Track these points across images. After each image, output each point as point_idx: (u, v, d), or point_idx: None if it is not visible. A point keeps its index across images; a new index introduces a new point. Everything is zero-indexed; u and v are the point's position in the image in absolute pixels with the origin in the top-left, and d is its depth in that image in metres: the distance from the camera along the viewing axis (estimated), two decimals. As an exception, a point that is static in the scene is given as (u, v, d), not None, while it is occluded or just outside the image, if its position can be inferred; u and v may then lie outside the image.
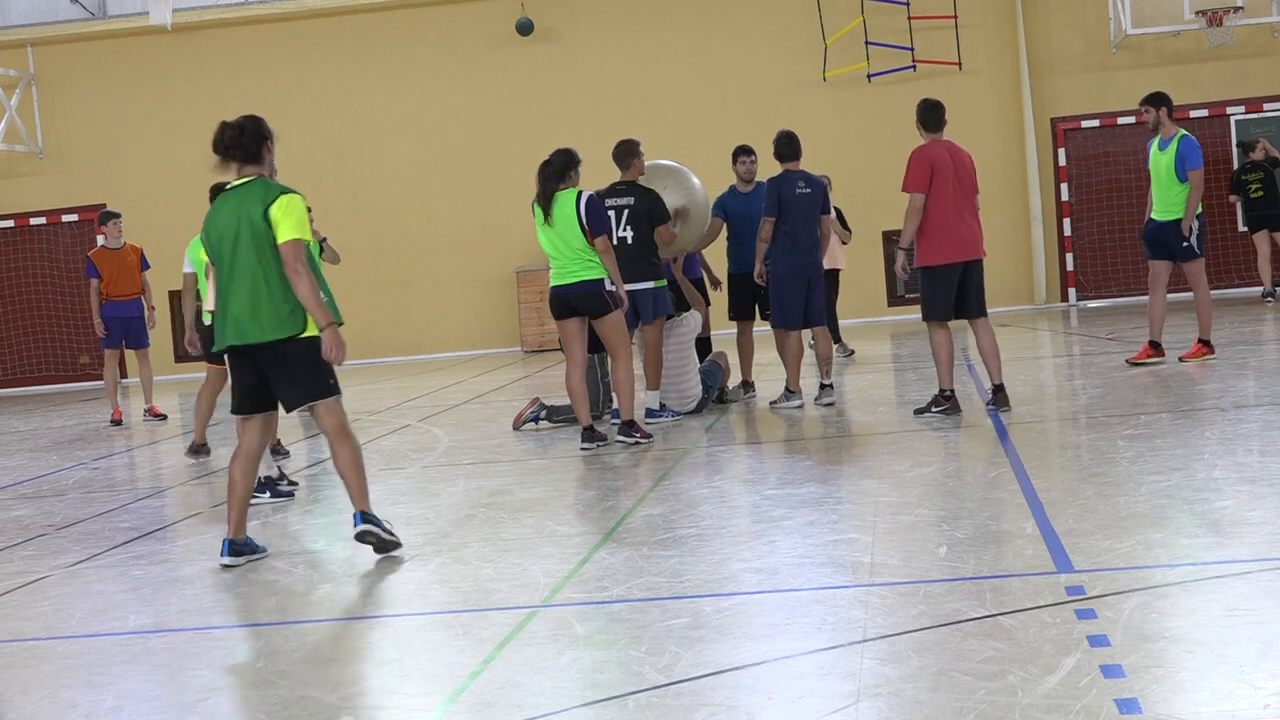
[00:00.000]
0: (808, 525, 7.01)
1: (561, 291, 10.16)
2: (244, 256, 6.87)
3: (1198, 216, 12.14)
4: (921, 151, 10.04)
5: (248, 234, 6.86)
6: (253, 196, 6.92)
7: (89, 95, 22.21)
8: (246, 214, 6.87)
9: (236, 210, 6.91)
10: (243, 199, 6.93)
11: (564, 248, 10.06)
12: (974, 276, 10.17)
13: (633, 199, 11.07)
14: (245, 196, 6.93)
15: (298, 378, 6.95)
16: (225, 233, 6.93)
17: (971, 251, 10.11)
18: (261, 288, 6.86)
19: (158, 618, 6.37)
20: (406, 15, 21.82)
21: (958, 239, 10.03)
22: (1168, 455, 8.02)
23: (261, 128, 7.08)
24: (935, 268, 10.07)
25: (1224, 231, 20.17)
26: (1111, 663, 4.46)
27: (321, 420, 7.05)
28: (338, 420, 7.04)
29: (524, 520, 7.79)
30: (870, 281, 21.34)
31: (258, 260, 6.87)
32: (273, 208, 6.86)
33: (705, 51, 21.38)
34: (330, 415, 7.02)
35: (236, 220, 6.89)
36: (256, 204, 6.88)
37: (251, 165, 7.03)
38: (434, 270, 21.89)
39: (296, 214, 6.90)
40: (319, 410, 7.02)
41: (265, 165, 7.07)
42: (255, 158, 7.04)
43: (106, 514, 9.23)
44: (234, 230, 6.88)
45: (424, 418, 13.21)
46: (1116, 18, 20.44)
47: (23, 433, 15.65)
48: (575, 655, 5.10)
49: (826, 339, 11.62)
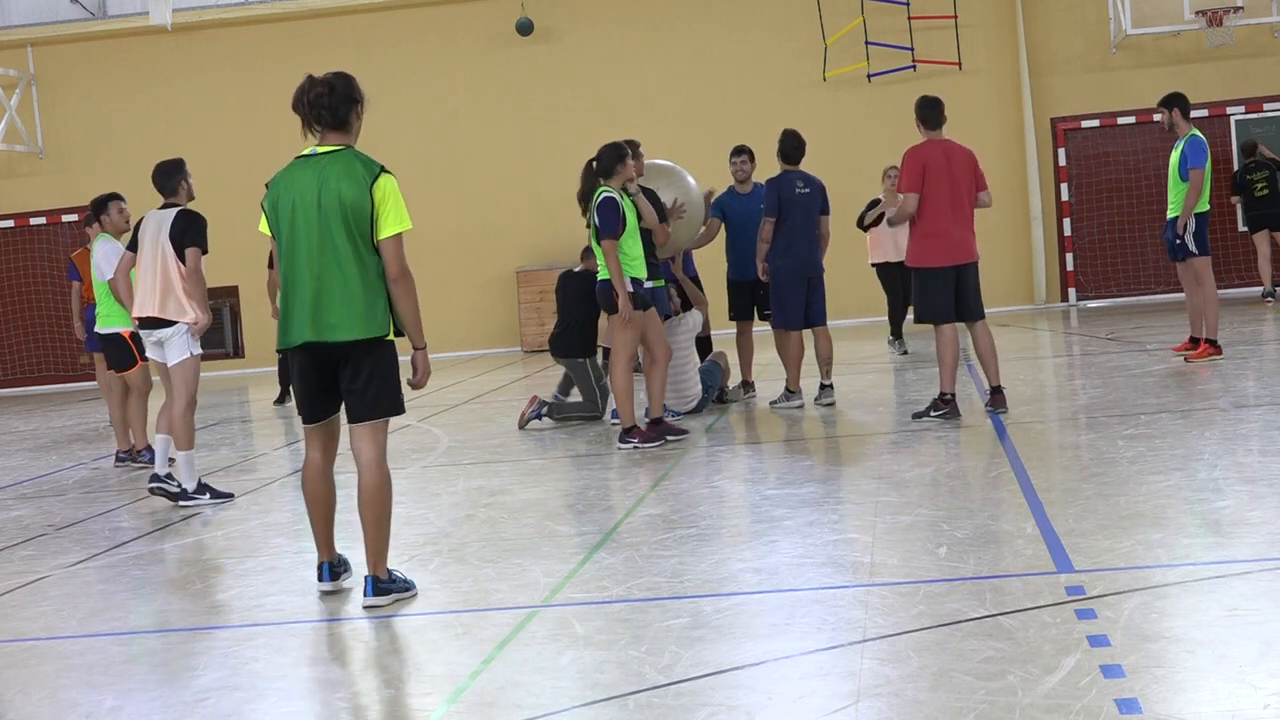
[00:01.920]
0: (808, 525, 7.01)
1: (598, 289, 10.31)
2: (335, 239, 5.87)
3: (1201, 215, 12.17)
4: (915, 152, 10.01)
5: (338, 213, 5.86)
6: (347, 169, 5.91)
7: (89, 95, 22.22)
8: (338, 189, 5.86)
9: (320, 183, 5.90)
10: (330, 170, 5.91)
11: (594, 245, 10.19)
12: (969, 279, 10.14)
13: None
14: (334, 168, 5.91)
15: (378, 387, 5.99)
16: (305, 208, 5.91)
17: (963, 256, 10.06)
18: (355, 277, 5.87)
19: (158, 618, 6.37)
20: (406, 15, 21.82)
21: (949, 243, 9.98)
22: (1168, 455, 8.02)
23: (353, 89, 6.08)
24: (927, 270, 10.06)
25: (1224, 231, 20.16)
26: (1111, 663, 4.46)
27: (364, 446, 6.05)
28: (379, 451, 6.08)
29: (524, 520, 7.79)
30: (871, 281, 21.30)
31: (351, 246, 5.87)
32: (376, 187, 5.89)
33: (705, 51, 21.38)
34: (375, 444, 6.06)
35: (321, 194, 5.88)
36: (355, 179, 5.89)
37: (336, 133, 6.02)
38: (434, 270, 21.84)
39: (400, 200, 5.96)
40: (365, 434, 6.04)
41: (353, 135, 6.08)
42: (343, 124, 6.03)
43: (106, 514, 9.23)
44: (316, 206, 5.89)
45: (424, 418, 13.21)
46: (1116, 18, 20.44)
47: (23, 433, 15.66)
48: (575, 655, 5.10)
49: (827, 339, 11.62)
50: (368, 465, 6.07)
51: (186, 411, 9.11)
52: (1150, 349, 13.80)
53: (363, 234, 5.89)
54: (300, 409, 6.18)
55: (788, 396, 11.56)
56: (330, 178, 5.90)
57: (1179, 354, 12.63)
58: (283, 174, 6.08)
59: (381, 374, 5.99)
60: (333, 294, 5.88)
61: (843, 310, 20.83)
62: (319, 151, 6.00)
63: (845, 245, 20.77)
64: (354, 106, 6.05)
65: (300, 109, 6.01)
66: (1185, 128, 12.25)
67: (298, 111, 6.02)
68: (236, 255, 22.13)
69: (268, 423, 14.95)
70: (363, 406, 6.00)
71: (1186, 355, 12.41)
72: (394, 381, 6.06)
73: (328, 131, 6.03)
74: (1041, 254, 20.90)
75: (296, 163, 6.05)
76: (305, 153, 6.05)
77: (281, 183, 6.04)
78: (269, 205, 6.06)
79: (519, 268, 21.28)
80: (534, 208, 21.34)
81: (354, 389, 5.99)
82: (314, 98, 5.97)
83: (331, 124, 6.01)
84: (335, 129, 6.02)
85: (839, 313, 20.59)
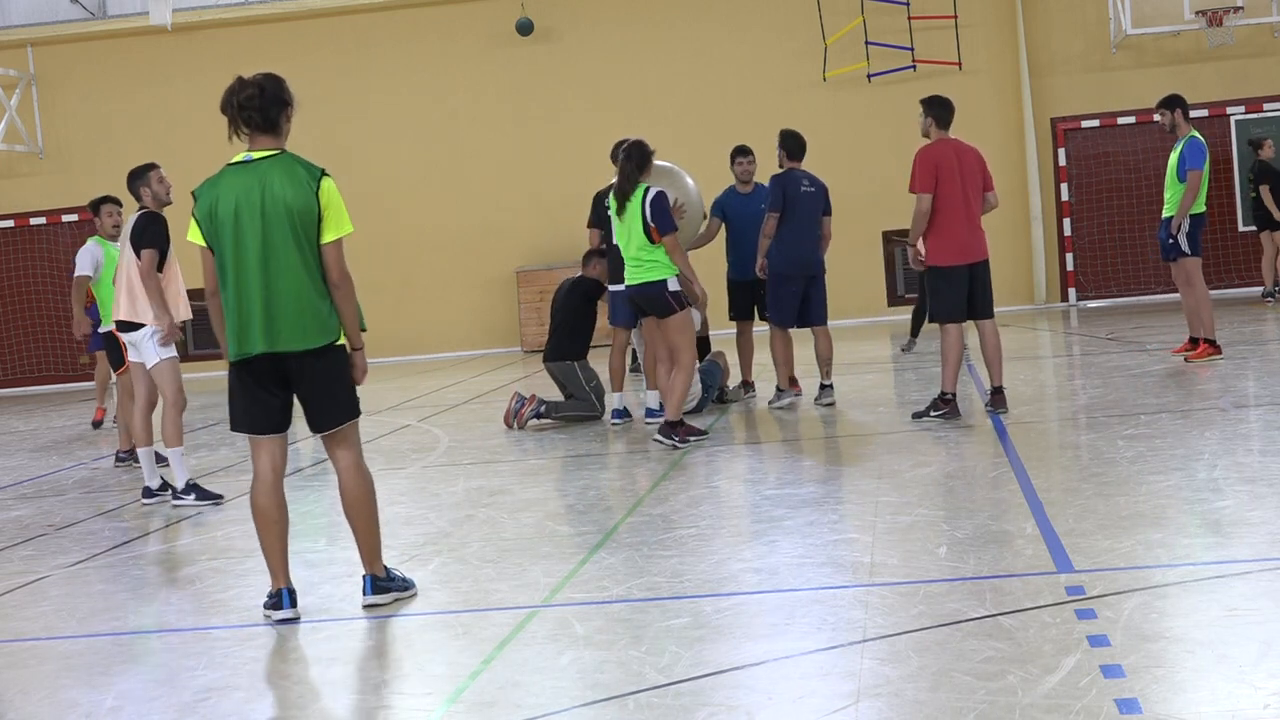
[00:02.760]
0: (808, 525, 7.01)
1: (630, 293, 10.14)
2: (283, 246, 5.73)
3: (1197, 217, 12.18)
4: (927, 152, 10.00)
5: (285, 220, 5.73)
6: (290, 173, 5.79)
7: (89, 95, 22.22)
8: (283, 195, 5.73)
9: (262, 189, 5.75)
10: (271, 175, 5.77)
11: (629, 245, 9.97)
12: (981, 278, 10.15)
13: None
14: (275, 173, 5.78)
15: (336, 393, 5.92)
16: (249, 215, 5.75)
17: (976, 254, 10.08)
18: (305, 284, 5.76)
19: (158, 618, 6.37)
20: (406, 15, 21.82)
21: (961, 242, 10.00)
22: (1168, 455, 8.01)
23: (283, 91, 5.90)
24: (941, 269, 10.05)
25: (1224, 231, 20.17)
26: (1111, 663, 4.46)
27: (341, 452, 6.01)
28: (357, 452, 6.04)
29: (524, 520, 7.79)
30: (870, 281, 21.35)
31: (299, 252, 5.76)
32: (322, 191, 5.78)
33: (705, 51, 21.38)
34: (351, 447, 6.01)
35: (264, 201, 5.74)
36: (299, 184, 5.77)
37: (267, 136, 5.86)
38: (434, 270, 21.89)
39: (342, 204, 5.86)
40: (339, 440, 5.99)
41: (283, 138, 5.91)
42: (274, 126, 5.87)
43: (106, 514, 9.23)
44: (260, 213, 5.74)
45: (424, 418, 13.21)
46: (1116, 18, 20.44)
47: (23, 433, 15.65)
48: (575, 655, 5.10)
49: (827, 339, 11.61)
50: (348, 469, 6.00)
51: (172, 410, 9.17)
52: (1150, 349, 13.80)
53: (310, 239, 5.78)
54: (246, 422, 5.98)
55: (779, 395, 11.60)
56: (272, 183, 5.76)
57: (1179, 355, 12.64)
58: (215, 181, 5.90)
59: (340, 379, 5.93)
60: (284, 302, 5.76)
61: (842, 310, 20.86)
62: (254, 157, 5.85)
63: (846, 246, 20.81)
64: (284, 109, 5.89)
65: (229, 111, 5.82)
66: (1185, 129, 12.27)
67: (226, 113, 5.82)
68: (236, 255, 22.17)
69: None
70: (328, 415, 5.94)
71: (1186, 355, 12.42)
72: (351, 384, 6.00)
73: (257, 135, 5.85)
74: (1041, 254, 20.90)
75: (231, 169, 5.88)
76: (239, 159, 5.89)
77: (217, 190, 5.86)
78: (203, 213, 5.86)
79: (519, 268, 21.28)
80: (534, 208, 21.34)
81: (315, 399, 5.91)
82: (244, 99, 5.80)
83: (261, 126, 5.84)
84: (266, 132, 5.86)
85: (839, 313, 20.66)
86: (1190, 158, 12.04)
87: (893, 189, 18.33)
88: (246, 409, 5.95)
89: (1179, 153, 12.15)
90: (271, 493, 5.99)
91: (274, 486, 6.00)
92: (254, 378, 5.89)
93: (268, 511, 5.99)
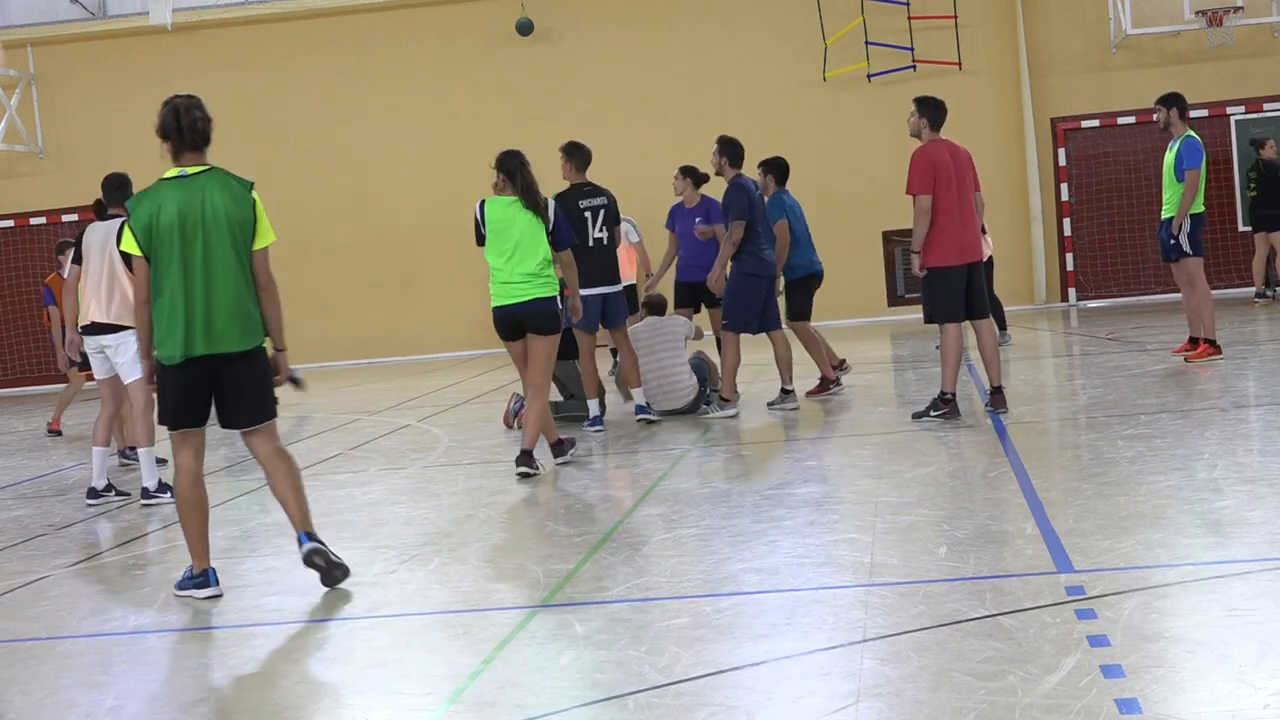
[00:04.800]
0: (808, 525, 7.01)
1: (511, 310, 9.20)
2: (222, 254, 6.21)
3: (1196, 216, 12.19)
4: (923, 152, 10.00)
5: (226, 230, 6.22)
6: (227, 187, 6.28)
7: (89, 95, 22.22)
8: (224, 207, 6.22)
9: (203, 201, 6.21)
10: (209, 188, 6.24)
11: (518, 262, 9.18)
12: (976, 278, 10.16)
13: (604, 198, 11.15)
14: (213, 186, 6.25)
15: (255, 393, 6.40)
16: (191, 226, 6.20)
17: (972, 254, 10.08)
18: (244, 290, 6.27)
19: (158, 618, 6.37)
20: (406, 15, 21.82)
21: (959, 242, 10.00)
22: (1168, 455, 8.01)
23: (206, 109, 6.41)
24: (938, 269, 10.05)
25: (1224, 231, 20.17)
26: (1111, 663, 4.46)
27: (263, 443, 6.48)
28: (278, 441, 6.54)
29: (524, 520, 7.79)
30: (870, 281, 21.35)
31: (237, 260, 6.26)
32: (255, 203, 6.33)
33: (705, 51, 21.38)
34: (272, 438, 6.51)
35: (206, 212, 6.20)
36: (237, 196, 6.27)
37: (197, 153, 6.35)
38: (434, 270, 21.88)
39: (266, 215, 6.42)
40: (262, 433, 6.47)
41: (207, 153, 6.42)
42: (207, 143, 6.37)
43: (106, 514, 9.23)
44: (201, 224, 6.19)
45: (424, 418, 13.21)
46: (1116, 18, 20.45)
47: (23, 433, 15.65)
48: (575, 655, 5.10)
49: (785, 342, 11.55)
50: (274, 455, 6.50)
51: (146, 410, 9.20)
52: (1150, 349, 13.80)
53: (245, 248, 6.30)
54: (176, 418, 6.38)
55: (721, 405, 11.26)
56: (212, 196, 6.24)
57: (1179, 355, 12.64)
58: (153, 195, 6.30)
59: (264, 380, 6.44)
60: (223, 308, 6.23)
61: (842, 310, 20.87)
62: (190, 172, 6.31)
63: (846, 246, 20.84)
64: (210, 124, 6.38)
65: (174, 132, 6.29)
66: (1181, 128, 12.26)
67: (170, 135, 6.29)
68: (236, 255, 22.16)
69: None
70: (254, 413, 6.42)
71: (1186, 356, 12.42)
72: (271, 387, 6.50)
73: (189, 151, 6.32)
74: (1041, 254, 20.91)
75: (169, 183, 6.30)
76: (173, 174, 6.33)
77: (157, 202, 6.26)
78: (141, 225, 6.25)
79: (519, 268, 21.26)
80: (534, 208, 21.32)
81: (242, 398, 6.38)
82: (191, 121, 6.29)
83: (201, 144, 6.34)
84: (201, 148, 6.35)
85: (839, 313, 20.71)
86: (1187, 157, 12.05)
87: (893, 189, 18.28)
88: (180, 406, 6.37)
89: (1175, 153, 12.16)
90: (197, 483, 6.47)
91: (199, 476, 6.48)
92: (189, 378, 6.31)
93: (195, 500, 6.47)
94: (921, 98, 10.27)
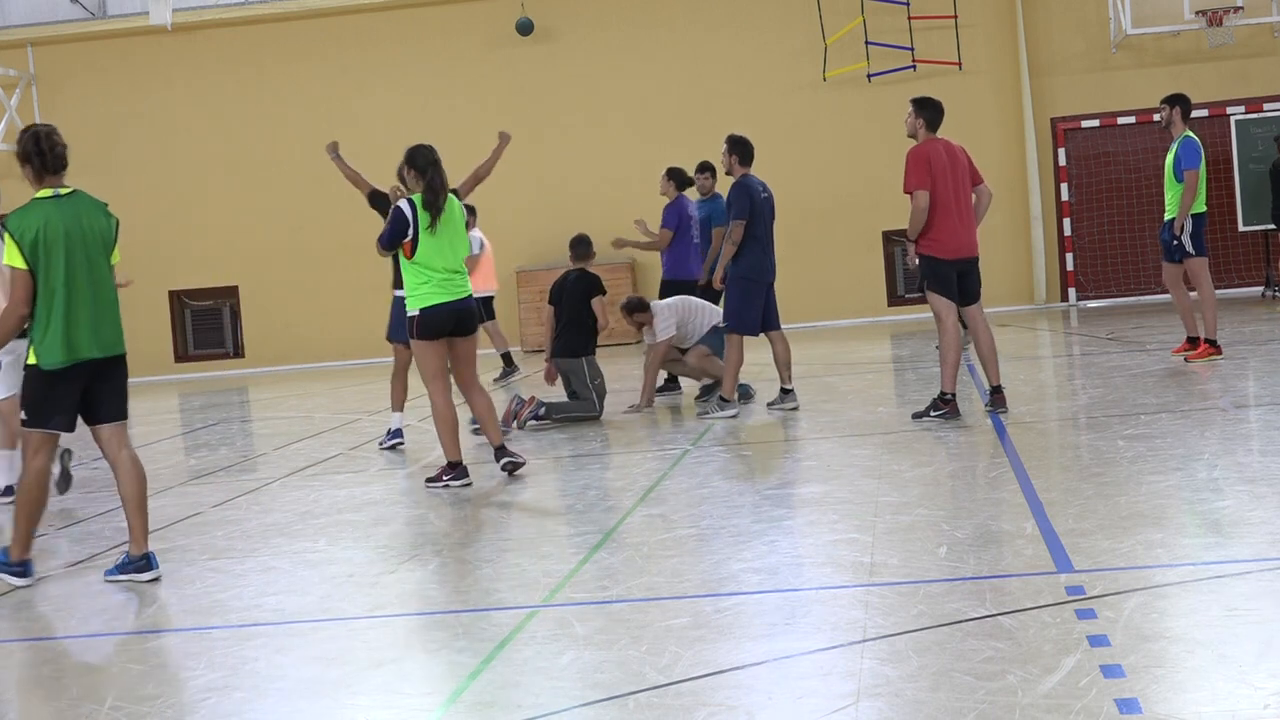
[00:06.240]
0: (808, 525, 7.01)
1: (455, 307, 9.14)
2: (101, 267, 6.84)
3: (1198, 216, 12.21)
4: (919, 150, 10.01)
5: (100, 244, 6.84)
6: (95, 206, 6.91)
7: (89, 95, 22.20)
8: (96, 224, 6.85)
9: (79, 218, 6.80)
10: (82, 207, 6.85)
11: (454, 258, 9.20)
12: (971, 273, 10.18)
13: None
14: (84, 205, 6.87)
15: (124, 392, 7.00)
16: (75, 240, 6.76)
17: (966, 251, 10.10)
18: (115, 299, 6.94)
19: (158, 618, 6.37)
20: (406, 15, 21.81)
21: (955, 240, 10.01)
22: (1168, 455, 8.02)
23: (62, 136, 7.00)
24: (930, 257, 10.06)
25: (1224, 231, 20.16)
26: (1111, 663, 4.46)
27: (121, 442, 6.97)
28: (130, 444, 7.04)
29: (524, 520, 7.79)
30: (870, 281, 21.33)
31: (109, 271, 6.91)
32: (118, 224, 6.97)
33: (705, 52, 21.37)
34: (126, 437, 7.02)
35: (85, 229, 6.80)
36: (104, 215, 6.92)
37: (58, 175, 6.91)
38: (434, 270, 21.85)
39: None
40: (121, 431, 6.98)
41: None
42: (66, 166, 6.97)
43: (106, 514, 9.22)
44: (82, 239, 6.78)
45: (424, 418, 13.19)
46: (1116, 18, 20.44)
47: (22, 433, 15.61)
48: (575, 655, 5.10)
49: (784, 342, 11.54)
50: (132, 459, 6.98)
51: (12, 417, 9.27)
52: (1150, 349, 13.80)
53: (110, 261, 6.92)
54: (57, 422, 6.84)
55: (721, 405, 11.22)
56: (85, 214, 6.84)
57: (1179, 355, 12.64)
58: (36, 211, 6.78)
59: (125, 380, 7.01)
60: (107, 315, 6.85)
61: (842, 310, 20.87)
62: (63, 192, 6.85)
63: (846, 246, 20.84)
64: (67, 150, 6.91)
65: (36, 157, 6.81)
66: (1181, 128, 12.28)
67: (32, 160, 6.80)
68: (236, 255, 22.14)
69: (267, 423, 14.95)
70: (119, 409, 6.96)
71: (1186, 355, 12.42)
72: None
73: (50, 175, 6.85)
74: (1041, 254, 20.90)
75: (48, 202, 6.80)
76: (48, 194, 6.83)
77: (42, 217, 6.74)
78: (28, 239, 6.70)
79: (519, 268, 21.26)
80: (534, 208, 21.32)
81: (115, 396, 6.93)
82: (51, 145, 6.82)
83: (61, 168, 6.88)
84: (58, 172, 6.87)
85: (839, 313, 20.70)
86: (1186, 157, 12.07)
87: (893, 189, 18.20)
88: (62, 411, 6.84)
89: (1174, 153, 12.19)
90: (48, 485, 7.02)
91: (50, 478, 7.09)
92: (70, 382, 6.79)
93: (45, 501, 7.00)
94: (918, 98, 10.29)
